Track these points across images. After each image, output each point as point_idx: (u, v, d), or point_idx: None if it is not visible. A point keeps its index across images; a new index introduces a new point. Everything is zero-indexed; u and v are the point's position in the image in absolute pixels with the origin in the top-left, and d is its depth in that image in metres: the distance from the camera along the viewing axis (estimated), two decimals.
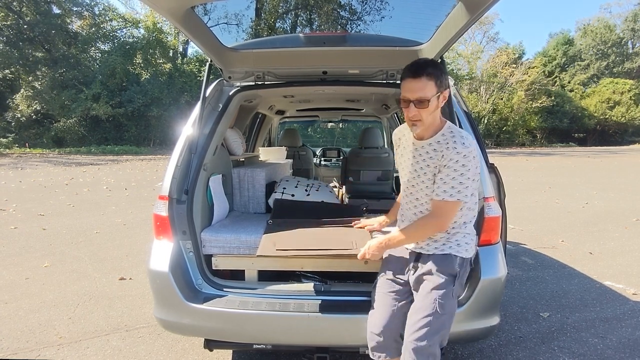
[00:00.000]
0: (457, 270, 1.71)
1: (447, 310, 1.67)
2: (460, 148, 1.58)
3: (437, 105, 1.63)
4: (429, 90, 1.58)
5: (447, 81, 1.64)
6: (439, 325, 1.66)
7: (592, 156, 23.12)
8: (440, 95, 1.61)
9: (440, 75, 1.61)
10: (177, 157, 2.24)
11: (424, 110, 1.61)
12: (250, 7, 21.11)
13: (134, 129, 25.56)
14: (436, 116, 1.67)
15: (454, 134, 1.64)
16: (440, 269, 1.70)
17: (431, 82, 1.58)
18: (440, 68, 1.64)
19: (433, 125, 1.68)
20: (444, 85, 1.62)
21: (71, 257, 4.72)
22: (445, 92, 1.62)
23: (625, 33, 43.14)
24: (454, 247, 1.73)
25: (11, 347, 2.77)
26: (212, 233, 2.30)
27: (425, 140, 1.70)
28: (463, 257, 1.74)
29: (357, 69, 2.56)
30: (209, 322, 2.05)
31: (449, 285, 1.69)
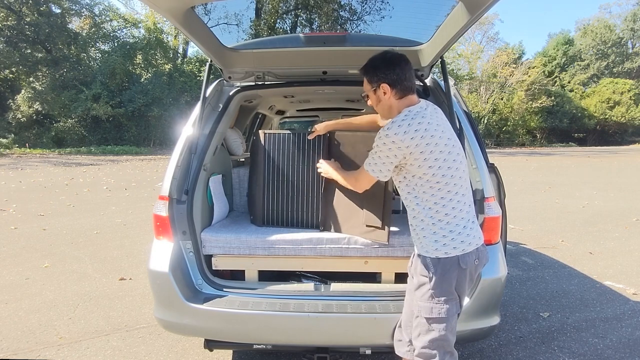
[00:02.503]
0: (430, 271, 1.65)
1: (429, 313, 1.65)
2: (380, 131, 1.64)
3: (377, 98, 1.72)
4: (364, 86, 1.76)
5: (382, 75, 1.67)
6: (428, 330, 1.65)
7: (592, 156, 23.12)
8: (376, 90, 1.70)
9: (370, 72, 1.70)
10: (177, 157, 2.24)
11: (371, 102, 1.78)
12: (250, 7, 21.12)
13: (134, 129, 25.55)
14: (386, 107, 1.73)
15: (396, 119, 1.67)
16: (418, 270, 1.72)
17: (365, 80, 1.74)
18: (372, 65, 1.70)
19: (390, 114, 1.72)
20: (375, 81, 1.69)
21: (71, 257, 4.72)
22: (382, 85, 1.67)
23: (625, 33, 43.17)
24: (423, 246, 1.69)
25: (11, 347, 2.77)
26: (212, 233, 2.30)
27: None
28: (435, 258, 1.64)
29: (356, 69, 2.55)
30: (209, 322, 2.05)
31: (424, 287, 1.67)
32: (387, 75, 1.66)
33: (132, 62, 26.95)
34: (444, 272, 1.64)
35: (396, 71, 1.66)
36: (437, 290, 1.64)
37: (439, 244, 1.64)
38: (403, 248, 2.21)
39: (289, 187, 2.51)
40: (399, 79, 1.66)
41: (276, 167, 2.51)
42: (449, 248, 1.63)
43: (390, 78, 1.66)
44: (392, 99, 1.69)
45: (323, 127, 2.36)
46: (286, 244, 2.23)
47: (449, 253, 1.63)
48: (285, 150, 2.50)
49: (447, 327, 1.66)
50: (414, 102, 1.70)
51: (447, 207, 1.64)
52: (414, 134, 1.57)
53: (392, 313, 1.95)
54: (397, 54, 1.71)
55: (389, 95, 1.68)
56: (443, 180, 1.62)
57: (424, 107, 1.68)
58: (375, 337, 2.00)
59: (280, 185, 2.52)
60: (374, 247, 2.21)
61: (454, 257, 1.63)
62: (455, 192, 1.65)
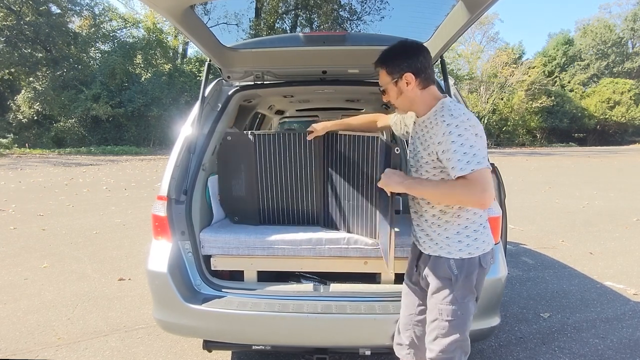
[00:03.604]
0: (453, 273, 1.59)
1: (451, 315, 1.60)
2: (448, 119, 1.47)
3: (398, 91, 1.61)
4: (382, 79, 1.65)
5: (405, 64, 1.57)
6: (448, 332, 1.61)
7: (592, 156, 23.12)
8: (398, 81, 1.59)
9: (390, 62, 1.60)
10: (176, 157, 2.23)
11: (389, 96, 1.66)
12: (250, 7, 21.13)
13: (133, 129, 25.54)
14: (408, 99, 1.62)
15: (443, 107, 1.55)
16: (435, 272, 1.64)
17: (382, 72, 1.63)
18: (393, 55, 1.61)
19: (423, 104, 1.62)
20: (397, 71, 1.58)
21: (70, 257, 4.71)
22: (405, 75, 1.57)
23: (625, 33, 43.16)
24: (443, 247, 1.61)
25: (9, 348, 2.76)
26: (211, 233, 2.29)
27: (420, 117, 1.66)
28: (460, 259, 1.59)
29: (356, 69, 2.55)
30: (207, 322, 2.04)
31: (446, 290, 1.61)
32: (411, 64, 1.57)
33: (132, 62, 26.94)
34: (468, 273, 1.59)
35: (420, 59, 1.58)
36: (460, 291, 1.59)
37: (462, 245, 1.59)
38: (403, 248, 2.19)
39: (285, 186, 2.50)
40: (422, 67, 1.58)
41: (270, 166, 2.49)
42: (472, 248, 1.59)
43: (414, 67, 1.57)
44: (416, 90, 1.59)
45: (321, 128, 2.30)
46: (285, 245, 2.22)
47: (472, 253, 1.59)
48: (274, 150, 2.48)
49: (467, 328, 1.63)
50: (439, 94, 1.62)
51: (476, 210, 1.60)
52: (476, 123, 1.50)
53: (391, 314, 1.94)
54: (417, 42, 1.64)
55: (412, 86, 1.58)
56: None
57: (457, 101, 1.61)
58: (374, 338, 1.99)
59: (275, 184, 2.50)
60: (374, 247, 2.20)
61: (476, 258, 1.60)
62: None
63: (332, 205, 2.44)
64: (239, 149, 2.49)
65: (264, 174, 2.50)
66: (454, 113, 1.48)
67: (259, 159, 2.48)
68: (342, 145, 2.32)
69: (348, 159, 2.31)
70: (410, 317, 1.82)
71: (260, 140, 2.47)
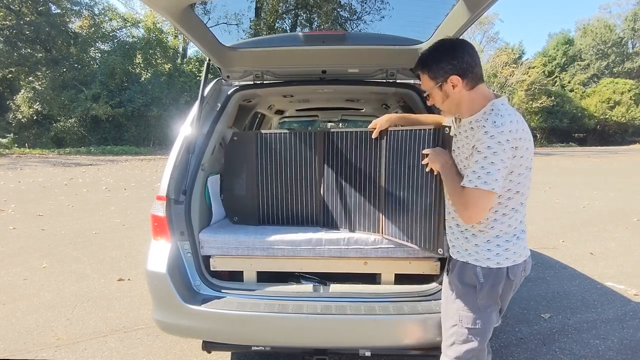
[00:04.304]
0: (479, 281, 1.55)
1: (471, 324, 1.57)
2: (489, 127, 1.39)
3: (444, 94, 1.52)
4: (425, 84, 1.57)
5: (449, 66, 1.47)
6: (466, 339, 1.58)
7: (592, 156, 23.11)
8: (442, 85, 1.50)
9: (432, 65, 1.50)
10: (175, 157, 2.22)
11: (434, 100, 1.58)
12: (250, 7, 21.10)
13: (133, 129, 25.54)
14: (455, 102, 1.53)
15: (492, 112, 1.44)
16: (460, 279, 1.61)
17: (424, 77, 1.55)
18: (434, 57, 1.50)
19: (471, 105, 1.52)
20: (441, 74, 1.49)
21: (70, 257, 4.70)
22: (450, 78, 1.47)
23: (625, 33, 43.16)
24: (472, 253, 1.57)
25: (8, 349, 2.75)
26: (210, 234, 2.28)
27: (466, 118, 1.57)
28: (487, 267, 1.54)
29: (356, 68, 2.55)
30: (207, 323, 2.03)
31: (470, 298, 1.58)
32: (456, 65, 1.46)
33: (132, 62, 26.95)
34: (495, 283, 1.55)
35: (465, 58, 1.46)
36: (484, 300, 1.56)
37: (491, 254, 1.54)
38: (403, 249, 2.19)
39: (286, 186, 2.49)
40: (469, 67, 1.46)
41: (271, 166, 2.49)
42: (502, 258, 1.54)
43: (459, 67, 1.46)
44: (463, 92, 1.49)
45: (385, 120, 2.12)
46: (285, 245, 2.22)
47: (500, 264, 1.54)
48: (278, 150, 2.48)
49: (486, 338, 1.60)
50: (490, 94, 1.52)
51: (512, 218, 1.54)
52: (522, 133, 1.42)
53: (391, 314, 1.93)
54: (459, 39, 1.54)
55: (459, 88, 1.48)
56: (522, 190, 1.51)
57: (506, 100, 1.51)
58: (374, 339, 1.98)
59: (276, 184, 2.50)
60: (374, 247, 2.20)
61: (504, 268, 1.54)
62: (522, 203, 1.55)
63: (333, 205, 2.43)
64: (244, 149, 2.49)
65: (265, 174, 2.49)
66: (497, 121, 1.39)
67: (260, 159, 2.48)
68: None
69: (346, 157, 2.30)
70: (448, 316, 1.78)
71: (262, 139, 2.46)
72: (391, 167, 2.20)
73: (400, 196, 2.14)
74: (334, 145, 2.41)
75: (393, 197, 2.21)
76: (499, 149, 1.38)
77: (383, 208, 2.27)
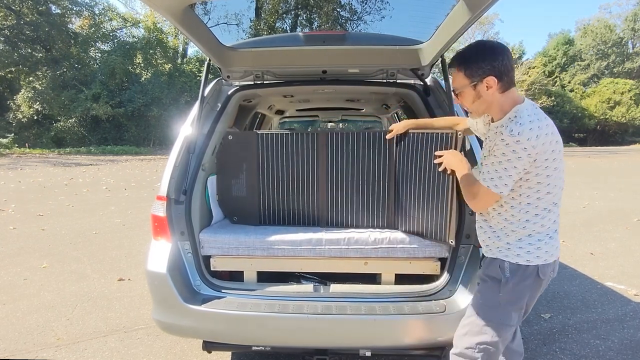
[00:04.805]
0: (504, 275, 1.55)
1: (489, 318, 1.56)
2: (506, 135, 1.42)
3: (476, 95, 1.52)
4: (458, 81, 1.55)
5: (488, 67, 1.47)
6: (481, 333, 1.57)
7: (592, 156, 23.10)
8: (477, 85, 1.50)
9: (471, 63, 1.50)
10: (176, 157, 2.22)
11: (463, 100, 1.58)
12: (250, 7, 21.10)
13: (133, 129, 25.54)
14: (485, 104, 1.54)
15: (515, 119, 1.46)
16: (486, 272, 1.63)
17: (460, 74, 1.54)
18: (474, 55, 1.51)
19: (500, 109, 1.54)
20: (479, 74, 1.49)
21: (70, 257, 4.70)
22: (487, 79, 1.48)
23: (626, 33, 43.14)
24: (502, 250, 1.58)
25: (8, 349, 2.75)
26: (210, 234, 2.28)
27: (493, 123, 1.60)
28: (516, 264, 1.55)
29: (356, 68, 2.55)
30: (207, 323, 2.03)
31: (492, 291, 1.57)
32: (495, 67, 1.47)
33: (132, 62, 26.94)
34: (521, 280, 1.55)
35: (504, 61, 1.48)
36: (506, 296, 1.55)
37: (522, 251, 1.55)
38: (403, 249, 2.19)
39: (287, 186, 2.49)
40: (506, 70, 1.48)
41: (272, 166, 2.49)
42: (533, 256, 1.55)
43: (497, 69, 1.47)
44: (496, 94, 1.51)
45: (402, 126, 2.20)
46: (285, 245, 2.22)
47: (530, 261, 1.54)
48: (277, 150, 2.48)
49: (502, 335, 1.57)
50: (519, 98, 1.53)
51: (545, 218, 1.55)
52: (544, 138, 1.43)
53: (392, 314, 1.93)
54: (498, 42, 1.54)
55: (493, 90, 1.50)
56: (553, 191, 1.53)
57: (535, 104, 1.53)
58: (375, 339, 1.98)
59: (278, 184, 2.50)
60: (374, 247, 2.20)
61: (534, 267, 1.55)
62: (554, 203, 1.56)
63: (337, 204, 2.45)
64: (241, 149, 2.48)
65: (266, 174, 2.49)
66: (514, 130, 1.41)
67: (261, 159, 2.48)
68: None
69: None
70: None
71: (263, 139, 2.46)
72: (402, 167, 2.28)
73: (410, 194, 2.23)
74: (337, 146, 2.42)
75: (403, 195, 2.28)
76: (513, 157, 1.42)
77: (392, 205, 2.34)
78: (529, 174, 1.48)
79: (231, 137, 2.50)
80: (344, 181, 2.44)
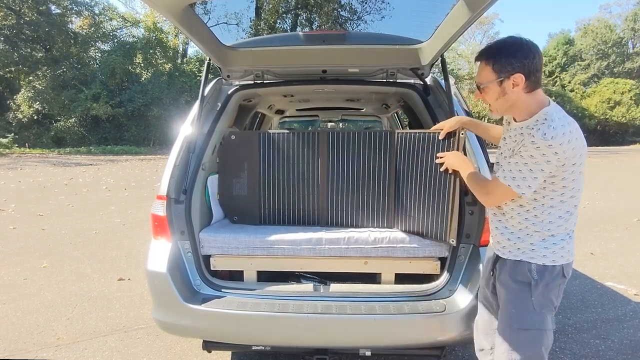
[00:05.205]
0: (533, 278, 1.51)
1: (526, 324, 1.51)
2: (538, 138, 1.38)
3: (501, 91, 1.47)
4: (484, 76, 1.50)
5: (518, 64, 1.42)
6: (521, 344, 1.51)
7: (592, 156, 23.09)
8: (503, 81, 1.45)
9: (501, 58, 1.44)
10: (176, 156, 2.22)
11: (486, 96, 1.52)
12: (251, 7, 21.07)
13: (133, 129, 25.54)
14: (508, 102, 1.49)
15: (545, 122, 1.41)
16: (513, 277, 1.55)
17: (487, 68, 1.48)
18: (505, 50, 1.45)
19: (524, 109, 1.49)
20: (507, 70, 1.43)
21: (70, 257, 4.70)
22: (514, 76, 1.42)
23: (626, 33, 43.10)
24: (527, 252, 1.53)
25: (8, 348, 2.75)
26: (210, 233, 2.28)
27: (517, 122, 1.54)
28: (542, 265, 1.51)
29: (356, 68, 2.55)
30: (207, 323, 2.03)
31: (524, 296, 1.52)
32: (525, 64, 1.42)
33: (132, 61, 26.94)
34: (550, 281, 1.51)
35: (535, 60, 1.43)
36: (539, 300, 1.51)
37: (548, 251, 1.51)
38: (403, 248, 2.19)
39: (288, 186, 2.49)
40: (534, 70, 1.43)
41: (274, 166, 2.49)
42: (557, 256, 1.52)
43: (527, 67, 1.42)
44: (521, 93, 1.46)
45: (455, 122, 2.03)
46: (285, 245, 2.22)
47: (556, 261, 1.52)
48: (281, 150, 2.48)
49: (544, 343, 1.52)
50: (546, 100, 1.49)
51: (569, 221, 1.52)
52: (574, 142, 1.39)
53: (392, 314, 1.93)
54: (531, 41, 1.46)
55: (519, 88, 1.44)
56: (577, 195, 1.50)
57: (560, 108, 1.50)
58: (374, 339, 1.98)
59: (278, 184, 2.50)
60: (374, 247, 2.20)
61: (560, 267, 1.52)
62: (575, 205, 1.53)
63: (338, 204, 2.45)
64: (244, 148, 2.49)
65: (267, 174, 2.50)
66: (547, 133, 1.37)
67: (262, 159, 2.48)
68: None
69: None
70: (491, 322, 1.75)
71: (265, 139, 2.47)
72: (402, 167, 2.29)
73: (410, 193, 2.25)
74: (337, 146, 2.42)
75: (403, 195, 2.30)
76: (542, 160, 1.40)
77: (393, 205, 2.35)
78: (554, 177, 1.45)
79: (234, 137, 2.51)
80: (344, 181, 2.44)
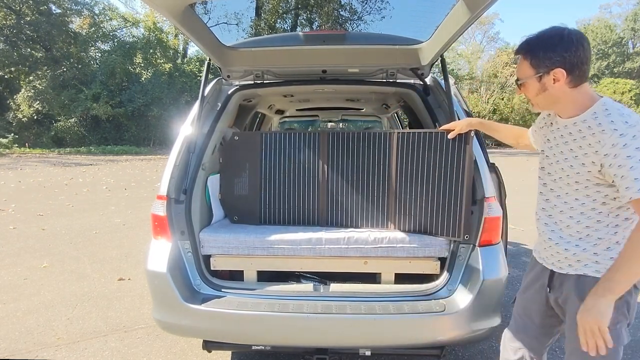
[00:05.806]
0: None
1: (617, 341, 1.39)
2: (621, 127, 1.24)
3: (541, 87, 1.36)
4: (522, 71, 1.39)
5: (558, 57, 1.31)
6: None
7: None
8: (542, 76, 1.34)
9: (539, 52, 1.33)
10: (176, 156, 2.23)
11: (526, 91, 1.43)
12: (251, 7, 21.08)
13: (134, 129, 25.55)
14: (552, 98, 1.38)
15: (610, 112, 1.30)
16: (580, 294, 1.39)
17: (525, 62, 1.37)
18: (544, 44, 1.33)
19: (572, 105, 1.37)
20: (546, 65, 1.32)
21: (70, 257, 4.70)
22: (555, 71, 1.31)
23: (626, 33, 43.16)
24: (589, 264, 1.38)
25: (9, 348, 2.75)
26: (210, 233, 2.29)
27: (567, 119, 1.40)
28: None
29: (356, 68, 2.55)
30: (207, 323, 2.03)
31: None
32: (566, 58, 1.30)
33: (132, 61, 26.95)
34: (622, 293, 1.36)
35: (578, 53, 1.30)
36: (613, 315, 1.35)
37: (611, 261, 1.35)
38: (403, 248, 2.19)
39: (288, 186, 2.50)
40: (579, 63, 1.31)
41: (275, 166, 2.50)
42: None
43: (569, 61, 1.30)
44: (565, 88, 1.34)
45: (466, 124, 2.02)
46: (285, 244, 2.22)
47: None
48: (282, 150, 2.49)
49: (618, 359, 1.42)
50: (595, 94, 1.38)
51: (634, 223, 1.32)
52: None
53: (391, 314, 1.94)
54: (576, 30, 1.34)
55: (561, 83, 1.33)
56: None
57: None
58: (374, 338, 1.99)
59: (279, 184, 2.51)
60: (374, 247, 2.20)
61: None
62: None
63: (339, 204, 2.46)
64: (246, 149, 2.49)
65: (267, 173, 2.50)
66: (628, 120, 1.25)
67: (263, 158, 2.49)
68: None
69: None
70: (526, 336, 1.69)
71: (266, 139, 2.47)
72: (405, 166, 2.30)
73: (414, 192, 2.27)
74: (337, 146, 2.42)
75: (404, 194, 2.31)
76: None
77: (393, 205, 2.35)
78: None
79: (237, 138, 2.51)
80: (344, 181, 2.44)
